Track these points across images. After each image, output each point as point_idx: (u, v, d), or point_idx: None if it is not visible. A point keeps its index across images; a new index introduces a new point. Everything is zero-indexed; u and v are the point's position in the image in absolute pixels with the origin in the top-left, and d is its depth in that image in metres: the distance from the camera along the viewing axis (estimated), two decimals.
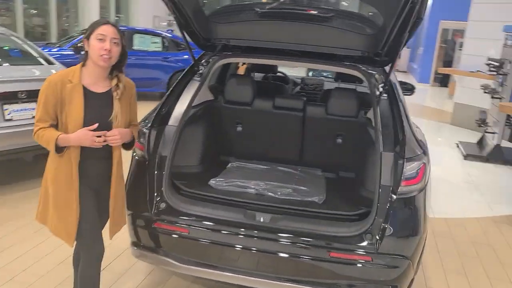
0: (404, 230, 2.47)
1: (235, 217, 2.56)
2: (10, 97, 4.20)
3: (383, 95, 2.84)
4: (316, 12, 2.81)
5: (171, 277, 3.15)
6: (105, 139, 2.20)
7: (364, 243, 2.41)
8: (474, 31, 8.60)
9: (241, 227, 2.51)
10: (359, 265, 2.42)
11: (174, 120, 2.85)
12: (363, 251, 2.41)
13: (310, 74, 7.17)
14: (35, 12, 12.45)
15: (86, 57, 2.23)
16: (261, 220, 2.54)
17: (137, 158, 2.76)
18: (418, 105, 11.52)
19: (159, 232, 2.61)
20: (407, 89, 4.30)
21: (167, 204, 2.62)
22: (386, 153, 2.56)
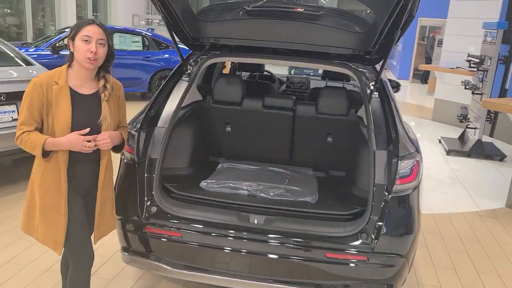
0: (399, 228, 2.47)
1: (229, 219, 2.52)
2: None
3: (374, 93, 2.83)
4: (306, 10, 2.78)
5: (161, 282, 3.09)
6: (96, 143, 2.12)
7: (360, 243, 2.40)
8: (453, 28, 8.72)
9: (236, 230, 2.47)
10: (355, 265, 2.41)
11: (163, 122, 2.78)
12: (359, 251, 2.39)
13: (292, 72, 7.17)
14: (10, 11, 12.11)
15: (72, 58, 2.15)
16: (255, 222, 2.51)
17: (126, 161, 2.69)
18: (399, 101, 11.57)
19: (150, 236, 2.55)
20: (392, 86, 4.32)
21: (158, 208, 2.57)
22: (379, 151, 2.55)
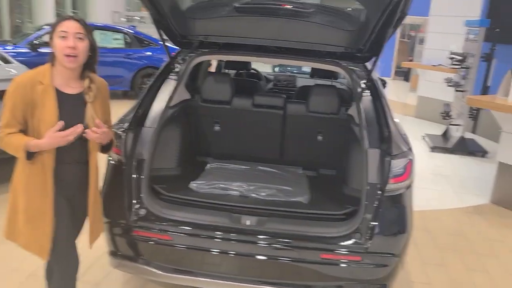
0: (393, 228, 2.45)
1: (221, 221, 2.47)
2: None
3: (366, 91, 2.81)
4: (296, 7, 2.74)
5: (148, 285, 3.01)
6: (79, 130, 1.99)
7: (354, 243, 2.37)
8: (436, 25, 8.80)
9: (228, 232, 2.42)
10: (349, 265, 2.38)
11: (151, 122, 2.71)
12: (353, 251, 2.37)
13: (277, 69, 7.12)
14: None
15: (53, 57, 2.06)
16: (248, 223, 2.46)
17: (113, 162, 2.60)
18: None
19: (139, 240, 2.48)
20: None
21: (147, 210, 2.50)
22: (372, 150, 2.53)
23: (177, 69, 2.94)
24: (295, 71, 6.65)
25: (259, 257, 2.40)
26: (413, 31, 17.15)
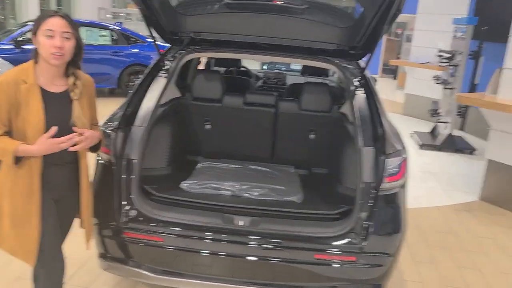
0: (388, 227, 2.43)
1: (213, 222, 2.42)
2: None
3: (359, 89, 2.78)
4: (289, 4, 2.70)
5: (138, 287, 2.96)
6: (75, 141, 1.96)
7: (349, 243, 2.35)
8: (423, 23, 8.84)
9: (220, 232, 2.38)
10: (344, 265, 2.36)
11: (141, 120, 2.64)
12: (348, 251, 2.35)
13: (265, 67, 7.07)
14: None
15: (36, 54, 1.98)
16: (241, 223, 2.42)
17: (102, 162, 2.53)
18: None
19: (129, 242, 2.43)
20: None
21: (137, 211, 2.44)
22: (366, 148, 2.50)
23: (167, 67, 2.88)
24: (283, 68, 6.60)
25: (252, 258, 2.36)
26: (400, 29, 17.24)
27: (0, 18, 12.44)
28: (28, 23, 8.47)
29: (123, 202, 2.44)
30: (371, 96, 2.77)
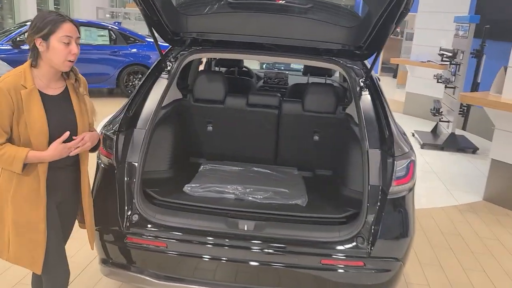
0: (396, 231, 2.38)
1: (217, 226, 2.37)
2: None
3: (365, 90, 2.73)
4: (293, 3, 2.64)
5: None
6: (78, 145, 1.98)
7: (356, 248, 2.29)
8: (424, 21, 8.79)
9: (224, 237, 2.32)
10: (351, 271, 2.30)
11: (142, 123, 2.59)
12: (355, 256, 2.29)
13: (264, 66, 7.03)
14: None
15: (37, 57, 1.92)
16: (245, 228, 2.36)
17: (103, 166, 2.48)
18: None
19: (132, 247, 2.37)
20: None
21: (140, 216, 2.38)
22: (373, 150, 2.45)
23: (168, 68, 2.82)
24: (282, 68, 6.54)
25: (257, 263, 2.31)
26: (399, 27, 17.20)
27: None
28: (27, 23, 8.40)
29: (125, 207, 2.39)
30: (378, 96, 2.72)
